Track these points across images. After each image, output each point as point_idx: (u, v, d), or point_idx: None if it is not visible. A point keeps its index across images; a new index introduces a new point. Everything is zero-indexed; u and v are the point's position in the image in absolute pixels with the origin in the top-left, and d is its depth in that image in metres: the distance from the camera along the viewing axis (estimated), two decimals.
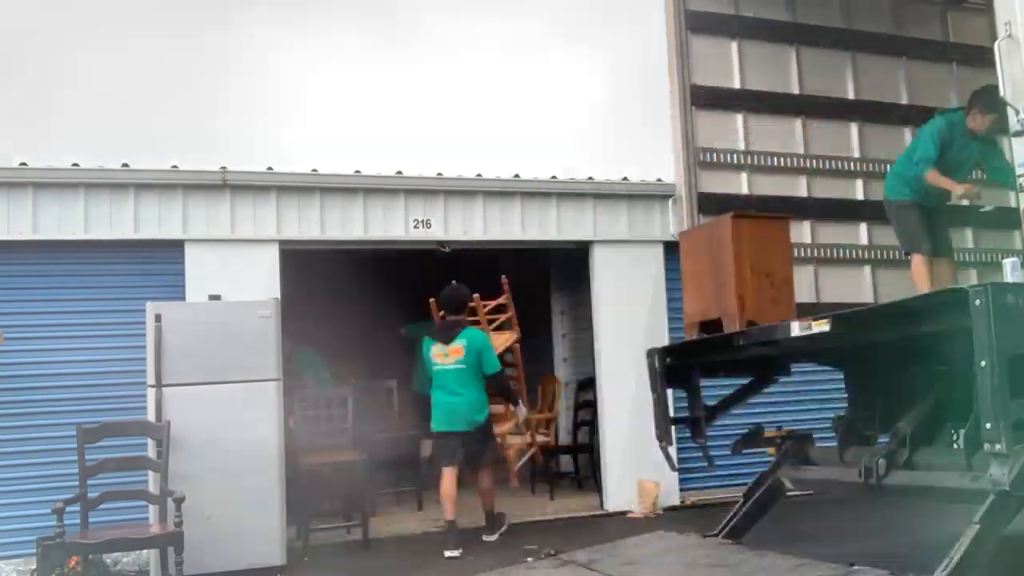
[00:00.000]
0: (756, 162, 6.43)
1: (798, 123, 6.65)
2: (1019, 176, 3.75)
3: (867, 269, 6.78)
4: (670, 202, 8.05)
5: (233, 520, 5.88)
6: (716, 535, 5.39)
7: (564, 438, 9.59)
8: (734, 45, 6.49)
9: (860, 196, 6.80)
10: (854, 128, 6.85)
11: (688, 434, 5.88)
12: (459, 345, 6.73)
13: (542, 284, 10.22)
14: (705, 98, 6.28)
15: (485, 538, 6.85)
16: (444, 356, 6.78)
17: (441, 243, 7.88)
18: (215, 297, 6.45)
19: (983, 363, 3.43)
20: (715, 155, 6.31)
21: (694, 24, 6.28)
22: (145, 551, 6.09)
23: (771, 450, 5.71)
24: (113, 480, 5.84)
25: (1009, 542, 3.76)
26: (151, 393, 6.00)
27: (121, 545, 5.78)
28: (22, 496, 6.44)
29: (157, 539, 5.61)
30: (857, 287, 6.70)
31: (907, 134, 6.97)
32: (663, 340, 7.51)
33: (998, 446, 3.42)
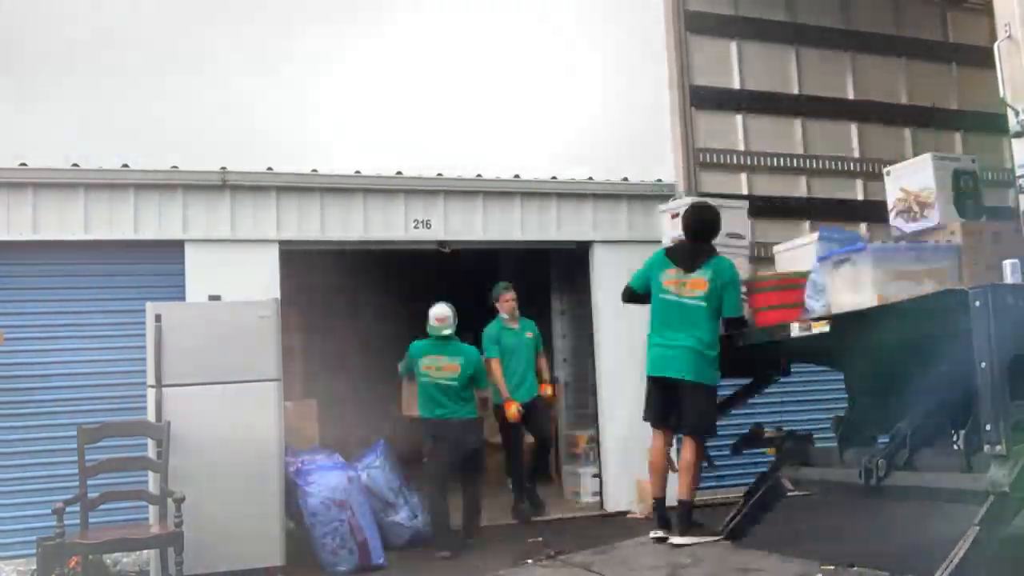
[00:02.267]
0: (756, 162, 6.44)
1: (798, 123, 6.66)
2: (1019, 177, 3.75)
3: None
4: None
5: (233, 520, 5.87)
6: (716, 536, 5.39)
7: None
8: (734, 45, 6.49)
9: (860, 196, 6.80)
10: (854, 128, 6.86)
11: None
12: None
13: (542, 284, 10.21)
14: (705, 98, 6.29)
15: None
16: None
17: (441, 243, 7.88)
18: (215, 297, 6.45)
19: (983, 364, 3.43)
20: (715, 155, 6.32)
21: (694, 24, 6.29)
22: (145, 551, 6.09)
23: (771, 450, 5.71)
24: (113, 480, 5.85)
25: (1009, 543, 3.76)
26: (151, 393, 6.00)
27: (121, 545, 5.78)
28: (22, 496, 6.44)
29: (157, 539, 5.62)
30: None
31: (907, 134, 6.98)
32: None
33: (998, 447, 3.43)
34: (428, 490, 6.73)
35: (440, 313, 6.70)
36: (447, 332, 6.68)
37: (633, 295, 5.66)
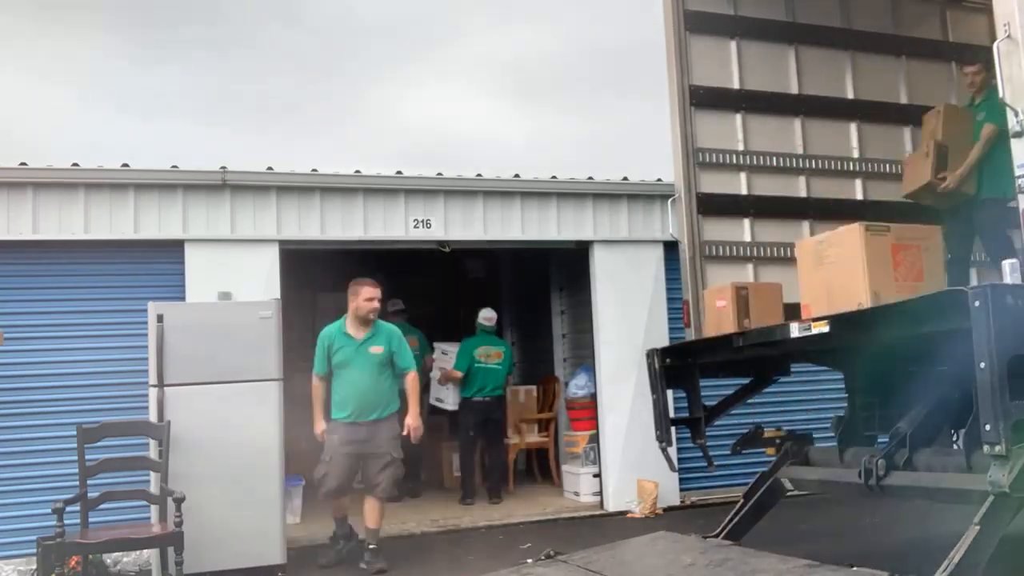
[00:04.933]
0: (755, 162, 6.42)
1: (797, 123, 6.64)
2: (1019, 177, 3.75)
3: None
4: (670, 202, 8.05)
5: (233, 520, 5.88)
6: (716, 536, 5.39)
7: None
8: (733, 45, 6.48)
9: (860, 196, 6.80)
10: (853, 128, 6.84)
11: (688, 434, 5.88)
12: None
13: (542, 284, 10.22)
14: (704, 98, 6.27)
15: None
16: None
17: (441, 243, 7.88)
18: (225, 295, 6.44)
19: (982, 364, 3.43)
20: (714, 155, 6.30)
21: (693, 24, 6.27)
22: (145, 551, 6.09)
23: (771, 450, 5.71)
24: (114, 480, 5.85)
25: (1009, 542, 3.76)
26: (153, 393, 6.00)
27: (121, 545, 5.78)
28: (22, 496, 6.44)
29: (157, 539, 5.61)
30: None
31: (907, 134, 6.98)
32: (663, 340, 7.51)
33: (998, 447, 3.42)
34: (462, 452, 8.90)
35: (490, 315, 9.01)
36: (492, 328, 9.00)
37: None
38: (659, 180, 8.17)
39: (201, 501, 5.62)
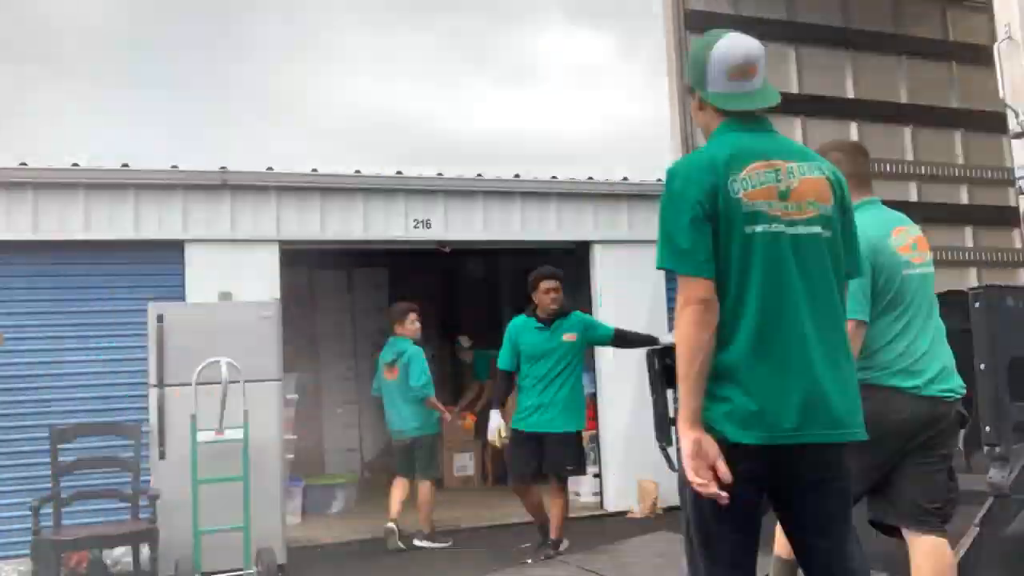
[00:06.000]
0: None
1: (798, 122, 6.65)
2: (1019, 179, 3.76)
3: None
4: None
5: (233, 520, 5.86)
6: None
7: None
8: None
9: None
10: (854, 127, 6.86)
11: None
12: None
13: None
14: None
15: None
16: None
17: (441, 243, 7.88)
18: (225, 295, 6.44)
19: (982, 366, 3.43)
20: None
21: (693, 24, 6.29)
22: (146, 550, 6.08)
23: None
24: (113, 480, 5.85)
25: (1009, 543, 3.76)
26: (153, 393, 6.00)
27: (94, 542, 5.78)
28: (22, 496, 6.43)
29: (130, 536, 5.63)
30: None
31: (906, 133, 6.99)
32: (663, 340, 7.50)
33: (998, 449, 3.43)
34: None
35: None
36: None
37: None
38: (659, 180, 8.16)
39: (201, 501, 5.61)
